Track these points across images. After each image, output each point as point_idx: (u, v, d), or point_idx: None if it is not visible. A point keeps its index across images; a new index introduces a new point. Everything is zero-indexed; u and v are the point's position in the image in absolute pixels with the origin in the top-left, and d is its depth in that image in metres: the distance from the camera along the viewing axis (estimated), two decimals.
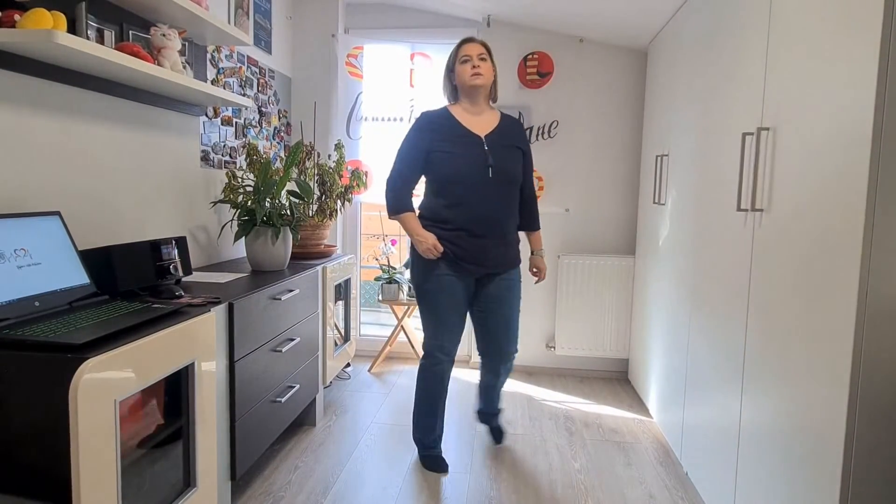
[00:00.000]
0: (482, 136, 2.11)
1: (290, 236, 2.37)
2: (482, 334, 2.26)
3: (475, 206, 2.07)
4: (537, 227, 2.33)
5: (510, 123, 2.20)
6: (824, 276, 1.20)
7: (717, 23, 1.98)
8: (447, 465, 2.25)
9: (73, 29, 1.63)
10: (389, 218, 2.18)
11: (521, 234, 2.32)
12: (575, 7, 2.82)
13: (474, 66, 2.08)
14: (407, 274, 3.42)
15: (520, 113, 3.31)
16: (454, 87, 2.18)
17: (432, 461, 2.24)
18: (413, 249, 2.17)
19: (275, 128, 3.16)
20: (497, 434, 2.47)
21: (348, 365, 3.46)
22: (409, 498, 2.03)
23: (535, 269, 2.34)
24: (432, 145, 2.09)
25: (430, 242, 2.07)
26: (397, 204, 2.13)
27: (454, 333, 2.17)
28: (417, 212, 2.16)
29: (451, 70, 2.16)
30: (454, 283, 2.12)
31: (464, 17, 3.37)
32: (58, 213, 1.52)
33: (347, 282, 2.94)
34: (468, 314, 2.24)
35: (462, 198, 2.07)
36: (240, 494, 2.01)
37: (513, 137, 2.17)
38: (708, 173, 2.00)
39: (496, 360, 2.27)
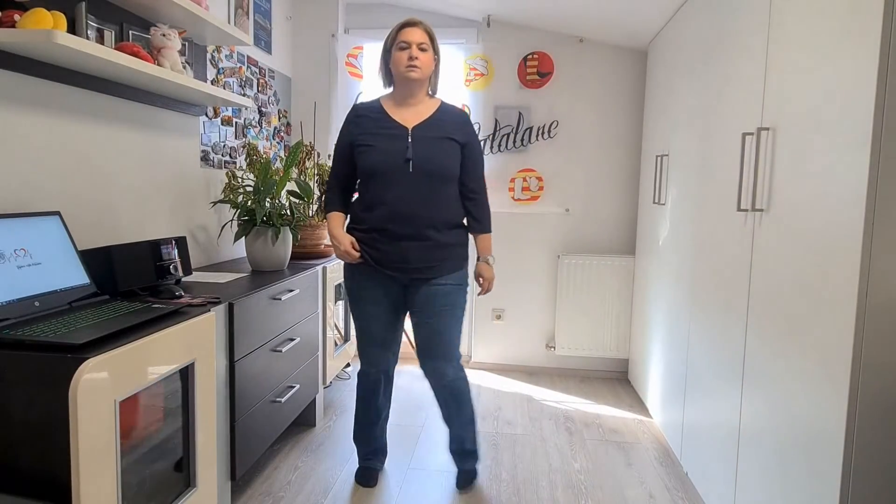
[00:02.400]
0: (409, 127, 1.91)
1: (290, 236, 2.37)
2: (417, 348, 2.03)
3: (393, 204, 1.87)
4: (484, 230, 2.03)
5: (448, 114, 1.97)
6: (824, 276, 1.20)
7: (717, 23, 1.98)
8: (375, 480, 2.11)
9: (73, 29, 1.63)
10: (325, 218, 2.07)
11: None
12: (575, 7, 2.82)
13: (411, 58, 1.87)
14: None
15: (520, 113, 3.31)
16: (389, 71, 1.96)
17: (361, 472, 2.13)
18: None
19: (275, 128, 3.16)
20: (462, 478, 2.12)
21: (348, 365, 3.46)
22: (408, 498, 2.03)
23: (479, 278, 2.05)
24: (356, 139, 1.92)
25: (343, 247, 1.90)
26: (325, 204, 2.01)
27: (377, 344, 2.00)
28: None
29: (387, 51, 1.94)
30: (375, 288, 1.94)
31: (464, 17, 3.37)
32: (58, 213, 1.52)
33: None
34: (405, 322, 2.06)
35: (379, 195, 1.88)
36: (240, 494, 2.01)
37: (447, 129, 1.93)
38: (708, 173, 2.00)
39: (430, 376, 2.02)
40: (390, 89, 2.01)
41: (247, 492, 2.03)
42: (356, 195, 2.02)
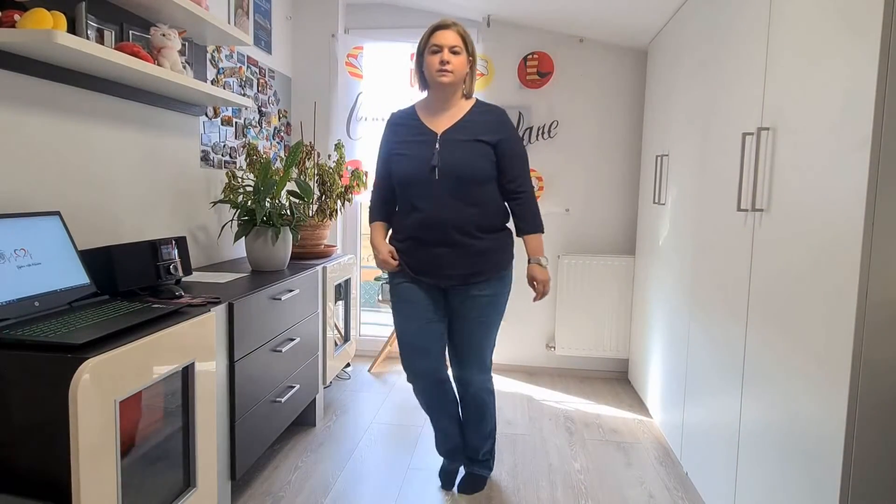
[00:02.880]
0: (438, 132, 1.87)
1: (290, 236, 2.37)
2: (449, 356, 2.03)
3: (424, 212, 1.85)
4: (533, 230, 1.94)
5: (481, 115, 1.90)
6: (824, 276, 1.20)
7: (717, 22, 1.98)
8: (452, 484, 2.10)
9: (73, 29, 1.63)
10: None
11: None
12: (575, 7, 2.82)
13: (443, 62, 1.82)
14: None
15: (520, 113, 3.31)
16: (423, 76, 1.92)
17: (442, 475, 2.13)
18: None
19: (275, 128, 3.16)
20: (467, 481, 2.10)
21: (348, 365, 3.46)
22: (408, 498, 2.03)
23: (533, 282, 1.98)
24: (392, 148, 1.93)
25: (382, 256, 1.92)
26: (370, 214, 2.02)
27: (418, 354, 1.94)
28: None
29: (420, 55, 1.90)
30: (415, 292, 1.92)
31: (464, 17, 3.36)
32: (58, 213, 1.52)
33: (347, 282, 2.94)
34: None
35: (412, 203, 1.87)
36: (240, 494, 2.01)
37: (477, 130, 1.86)
38: (708, 173, 2.00)
39: (457, 383, 2.03)
40: (425, 94, 1.97)
41: (247, 492, 2.03)
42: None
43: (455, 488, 2.10)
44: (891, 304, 1.08)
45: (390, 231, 2.00)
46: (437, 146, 1.85)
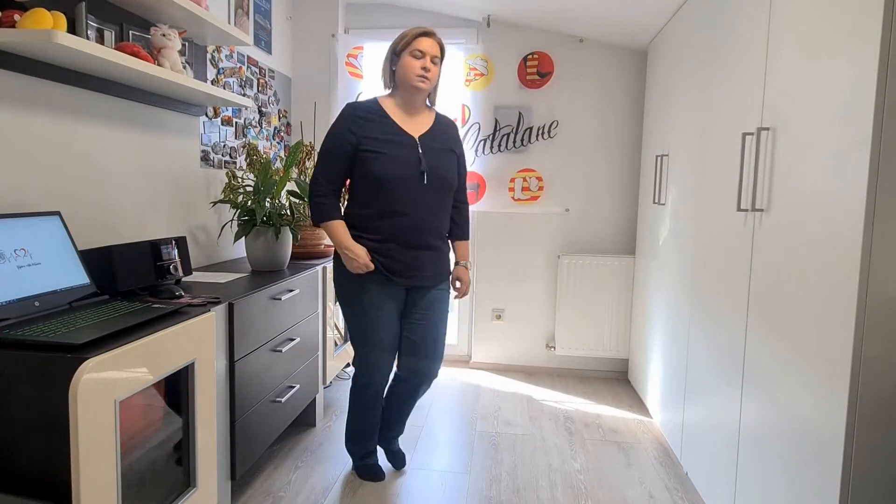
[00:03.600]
0: (416, 137, 1.91)
1: (290, 236, 2.37)
2: (406, 350, 2.03)
3: (409, 215, 1.87)
4: (466, 237, 2.11)
5: (445, 125, 2.01)
6: (824, 276, 1.20)
7: (717, 23, 1.99)
8: (384, 473, 2.16)
9: (73, 29, 1.63)
10: (314, 225, 1.96)
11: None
12: (575, 7, 2.82)
13: (425, 68, 1.86)
14: None
15: (520, 113, 3.31)
16: (393, 73, 1.93)
17: (367, 470, 2.14)
18: (337, 262, 1.96)
19: (275, 128, 3.16)
20: (400, 458, 2.23)
21: (348, 365, 3.46)
22: (408, 498, 2.03)
23: (457, 282, 2.10)
24: (360, 142, 1.86)
25: (362, 260, 1.85)
26: (322, 211, 1.89)
27: (388, 353, 1.99)
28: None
29: (395, 55, 1.91)
30: (385, 297, 1.93)
31: (464, 17, 3.37)
32: (58, 213, 1.52)
33: None
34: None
35: (394, 205, 1.86)
36: (240, 494, 2.01)
37: (447, 140, 1.98)
38: (708, 173, 2.00)
39: (417, 378, 2.05)
40: (387, 91, 1.98)
41: (247, 492, 2.03)
42: (352, 201, 1.94)
43: (392, 467, 2.21)
44: (890, 304, 1.08)
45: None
46: (420, 151, 1.90)
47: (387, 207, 1.87)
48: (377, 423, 2.14)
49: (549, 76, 3.28)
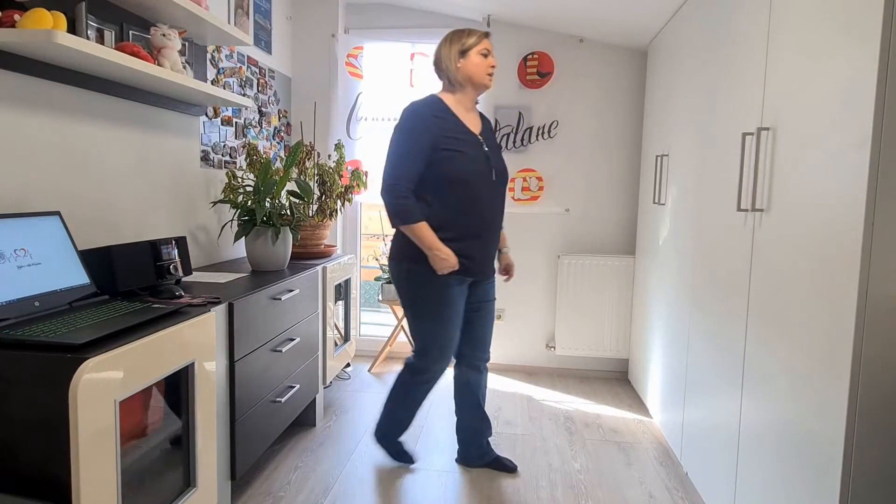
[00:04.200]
0: (477, 134, 1.98)
1: (290, 236, 2.37)
2: (472, 341, 2.12)
3: (485, 211, 1.93)
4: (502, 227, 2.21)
5: (488, 121, 2.11)
6: (824, 276, 1.20)
7: (717, 23, 1.98)
8: (413, 457, 2.29)
9: (73, 29, 1.63)
10: (394, 227, 1.93)
11: None
12: (575, 7, 2.82)
13: (492, 66, 1.94)
14: None
15: (520, 113, 3.31)
16: (453, 71, 1.94)
17: (403, 453, 2.26)
18: (415, 264, 1.94)
19: (275, 128, 3.16)
20: (509, 461, 2.24)
21: (348, 365, 3.46)
22: (408, 498, 2.03)
23: (505, 267, 2.24)
24: (438, 141, 1.87)
25: (453, 260, 1.87)
26: (407, 212, 1.86)
27: (454, 349, 2.06)
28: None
29: (462, 55, 1.92)
30: (459, 295, 1.99)
31: (464, 17, 3.37)
32: (58, 213, 1.52)
33: (347, 282, 2.94)
34: None
35: (473, 203, 1.91)
36: (240, 494, 2.01)
37: (493, 136, 2.08)
38: (708, 173, 2.00)
39: (483, 366, 2.18)
40: (438, 89, 2.02)
41: (247, 492, 2.03)
42: (425, 201, 1.93)
43: (509, 471, 2.22)
44: (891, 304, 1.08)
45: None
46: (486, 148, 1.98)
47: (465, 205, 1.91)
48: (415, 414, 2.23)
49: (549, 76, 3.28)
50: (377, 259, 3.44)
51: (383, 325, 4.13)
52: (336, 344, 2.84)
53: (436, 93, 1.99)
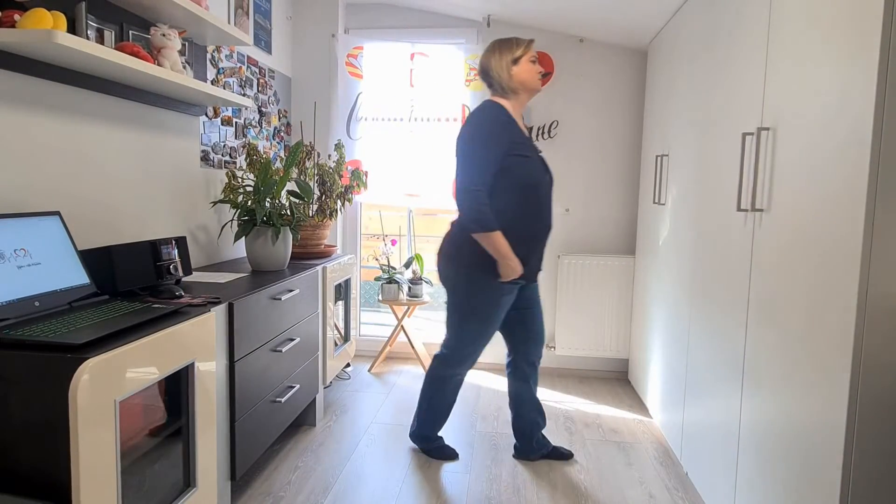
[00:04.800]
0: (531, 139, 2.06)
1: (290, 236, 2.37)
2: (526, 338, 2.20)
3: (545, 216, 1.99)
4: None
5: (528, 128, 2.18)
6: (824, 276, 1.20)
7: (717, 23, 1.99)
8: (456, 451, 2.33)
9: (73, 29, 1.63)
10: (471, 233, 1.91)
11: None
12: (575, 7, 2.82)
13: (541, 71, 2.00)
14: (407, 274, 3.42)
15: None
16: (509, 79, 1.98)
17: (443, 449, 2.30)
18: (476, 270, 1.97)
19: (275, 128, 3.16)
20: (566, 451, 2.32)
21: (348, 365, 3.46)
22: (408, 498, 2.03)
23: None
24: (511, 147, 1.89)
25: (520, 269, 1.93)
26: (488, 220, 1.86)
27: (483, 349, 2.18)
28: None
29: (515, 62, 1.97)
30: (510, 300, 2.07)
31: (464, 17, 3.37)
32: (58, 213, 1.52)
33: (347, 282, 2.94)
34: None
35: (539, 208, 1.95)
36: (240, 494, 2.01)
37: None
38: (708, 173, 2.00)
39: (534, 360, 2.24)
40: (488, 94, 2.05)
41: (247, 492, 2.03)
42: (501, 207, 1.94)
43: (564, 458, 2.30)
44: (891, 304, 1.08)
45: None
46: (540, 153, 2.02)
47: (532, 210, 1.94)
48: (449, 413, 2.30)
49: (549, 76, 3.28)
50: (377, 259, 3.44)
51: (383, 325, 4.13)
52: (336, 344, 2.84)
53: (492, 98, 2.02)
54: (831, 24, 1.22)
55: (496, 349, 3.48)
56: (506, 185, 1.90)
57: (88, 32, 1.71)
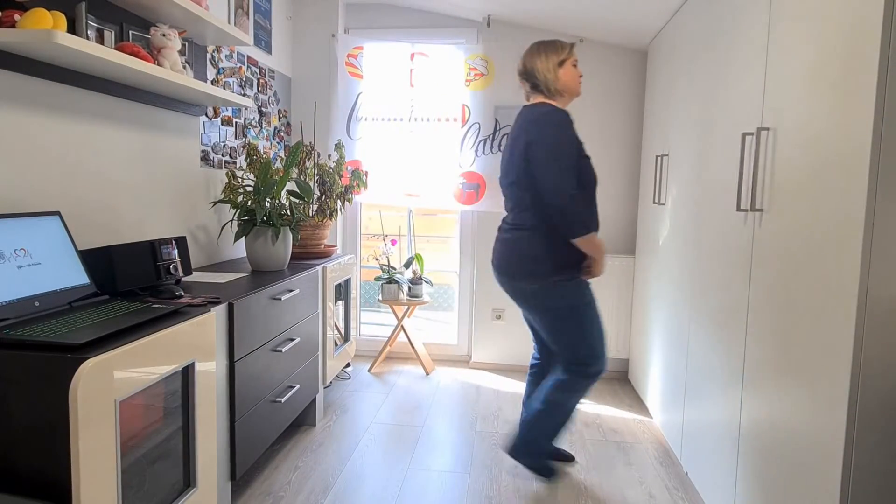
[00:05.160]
0: None
1: (290, 236, 2.37)
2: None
3: (597, 214, 2.06)
4: None
5: None
6: (824, 276, 1.20)
7: (717, 23, 1.98)
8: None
9: (73, 29, 1.63)
10: (573, 237, 1.90)
11: None
12: (575, 7, 2.82)
13: (581, 75, 2.05)
14: (408, 274, 3.42)
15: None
16: (555, 81, 2.00)
17: (552, 468, 2.17)
18: (552, 275, 1.95)
19: (275, 128, 3.16)
20: (567, 454, 2.33)
21: (348, 365, 3.46)
22: (408, 498, 2.03)
23: None
24: (580, 149, 1.96)
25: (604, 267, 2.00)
26: (586, 222, 1.90)
27: None
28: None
29: (559, 66, 2.00)
30: None
31: (464, 17, 3.37)
32: (58, 213, 1.52)
33: (347, 282, 2.94)
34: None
35: (595, 207, 2.03)
36: (240, 494, 2.01)
37: None
38: (708, 173, 2.00)
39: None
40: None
41: (247, 492, 2.03)
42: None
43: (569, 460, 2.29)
44: (891, 305, 1.08)
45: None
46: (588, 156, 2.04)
47: (592, 210, 2.01)
48: None
49: None
50: (377, 259, 3.44)
51: (383, 325, 4.13)
52: (336, 344, 2.84)
53: (545, 101, 2.01)
54: (831, 24, 1.22)
55: (495, 348, 3.48)
56: (577, 186, 1.95)
57: (88, 32, 1.71)
